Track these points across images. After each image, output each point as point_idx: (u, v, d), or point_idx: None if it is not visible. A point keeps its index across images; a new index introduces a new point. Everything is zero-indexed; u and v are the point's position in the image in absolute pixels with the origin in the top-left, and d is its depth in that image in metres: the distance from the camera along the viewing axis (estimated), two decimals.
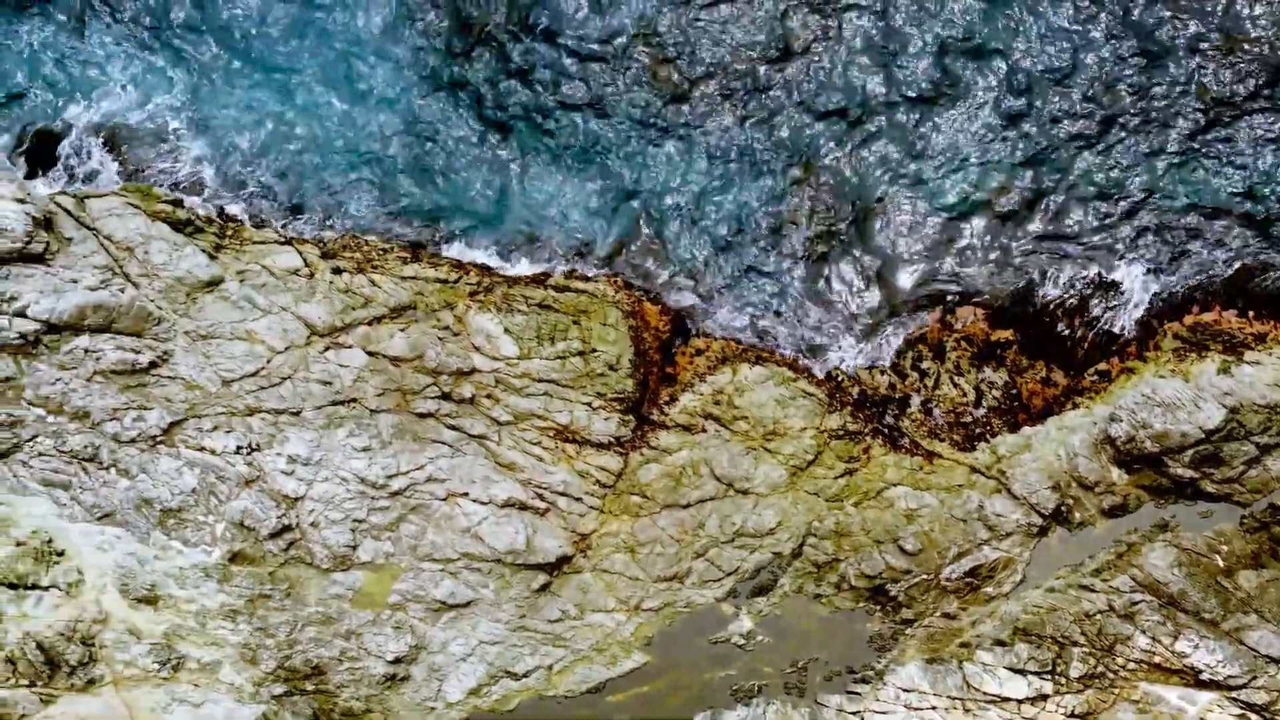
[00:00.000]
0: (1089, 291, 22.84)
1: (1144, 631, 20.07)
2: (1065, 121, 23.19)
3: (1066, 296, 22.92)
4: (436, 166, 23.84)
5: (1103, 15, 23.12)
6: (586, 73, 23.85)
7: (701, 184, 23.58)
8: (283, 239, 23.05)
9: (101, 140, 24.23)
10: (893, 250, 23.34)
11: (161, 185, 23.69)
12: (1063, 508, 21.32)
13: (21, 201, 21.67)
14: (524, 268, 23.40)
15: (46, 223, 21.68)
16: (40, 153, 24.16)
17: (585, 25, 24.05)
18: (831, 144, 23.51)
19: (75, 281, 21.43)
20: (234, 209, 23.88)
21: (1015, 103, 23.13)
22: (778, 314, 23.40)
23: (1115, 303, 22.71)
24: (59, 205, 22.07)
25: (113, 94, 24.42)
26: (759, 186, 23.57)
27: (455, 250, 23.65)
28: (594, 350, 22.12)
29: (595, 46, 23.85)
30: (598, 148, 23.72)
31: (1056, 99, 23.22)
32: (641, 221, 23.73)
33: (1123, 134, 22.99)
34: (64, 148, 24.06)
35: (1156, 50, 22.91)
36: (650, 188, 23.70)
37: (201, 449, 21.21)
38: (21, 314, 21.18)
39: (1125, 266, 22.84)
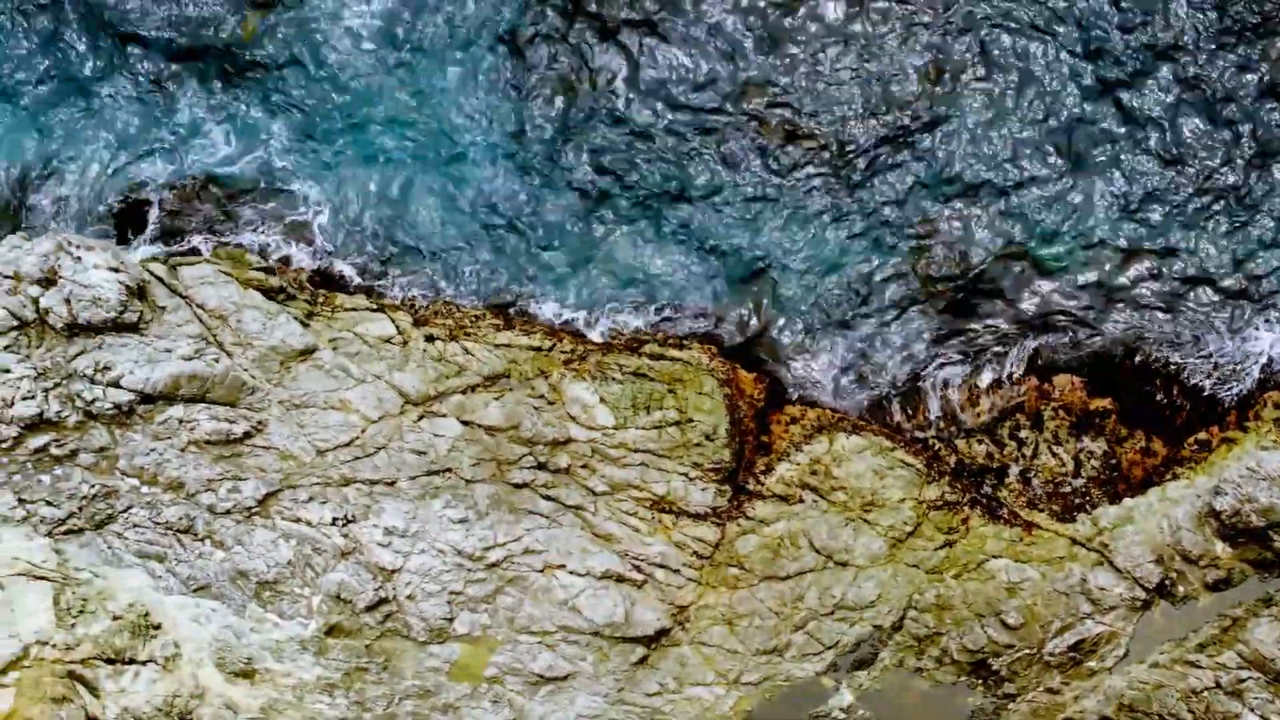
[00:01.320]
0: (1186, 360, 22.71)
1: (1252, 709, 19.88)
2: (1179, 195, 23.09)
3: (1164, 365, 22.79)
4: (532, 231, 23.74)
5: (1215, 90, 23.12)
6: (693, 135, 23.72)
7: (801, 250, 23.50)
8: (375, 305, 22.97)
9: (191, 203, 24.09)
10: (994, 317, 23.21)
11: (252, 250, 23.53)
12: (1166, 581, 21.15)
13: (115, 270, 21.59)
14: (618, 335, 23.23)
15: (139, 291, 21.59)
16: (129, 216, 24.03)
17: (693, 87, 23.90)
18: (941, 212, 23.44)
19: (169, 351, 21.33)
20: (326, 274, 23.72)
21: (1132, 177, 23.04)
22: (874, 382, 23.25)
23: (1214, 372, 22.59)
24: (151, 273, 22.00)
25: (203, 156, 24.32)
26: (860, 254, 23.49)
27: (549, 316, 23.49)
28: (690, 420, 21.98)
29: (704, 109, 23.70)
30: (699, 213, 23.63)
31: (1171, 173, 23.16)
32: (737, 288, 23.60)
33: (1234, 212, 22.94)
34: (153, 210, 23.90)
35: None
36: (749, 253, 23.62)
37: (297, 520, 21.08)
38: (116, 384, 21.08)
39: (1223, 336, 22.72)
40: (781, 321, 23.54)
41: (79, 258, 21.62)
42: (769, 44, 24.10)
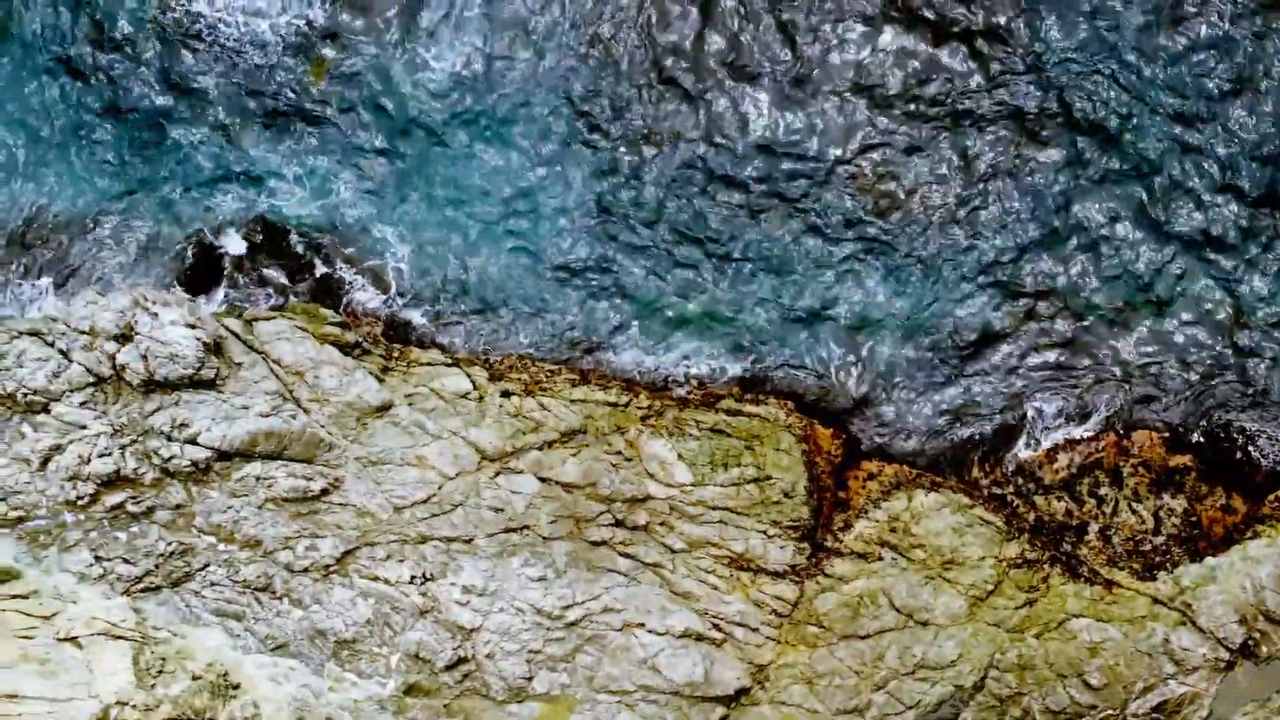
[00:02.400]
0: (1265, 416, 22.61)
1: None
2: (1266, 254, 23.06)
3: (1243, 421, 22.69)
4: (609, 285, 23.67)
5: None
6: (774, 190, 23.64)
7: (879, 306, 23.40)
8: (450, 360, 22.90)
9: (263, 254, 24.04)
10: (1073, 374, 23.13)
11: (326, 304, 23.46)
12: (1249, 641, 21.02)
13: (192, 327, 21.56)
14: (695, 390, 23.13)
15: (216, 347, 21.54)
16: (202, 267, 23.93)
17: (779, 142, 23.81)
18: (1023, 271, 23.33)
19: (246, 408, 21.28)
20: (401, 328, 23.62)
21: (1222, 238, 22.98)
22: (951, 438, 23.15)
23: None
24: (228, 328, 21.95)
25: (275, 205, 24.23)
26: (938, 311, 23.38)
27: (625, 371, 23.39)
28: (769, 477, 21.89)
29: (792, 159, 23.63)
30: (775, 268, 23.55)
31: (1264, 234, 23.12)
32: (814, 344, 23.50)
33: None
34: (226, 261, 23.83)
35: None
36: (825, 309, 23.52)
37: (375, 578, 21.00)
38: (193, 441, 21.04)
39: None
40: (858, 377, 23.44)
41: (155, 313, 21.61)
42: (861, 98, 23.96)
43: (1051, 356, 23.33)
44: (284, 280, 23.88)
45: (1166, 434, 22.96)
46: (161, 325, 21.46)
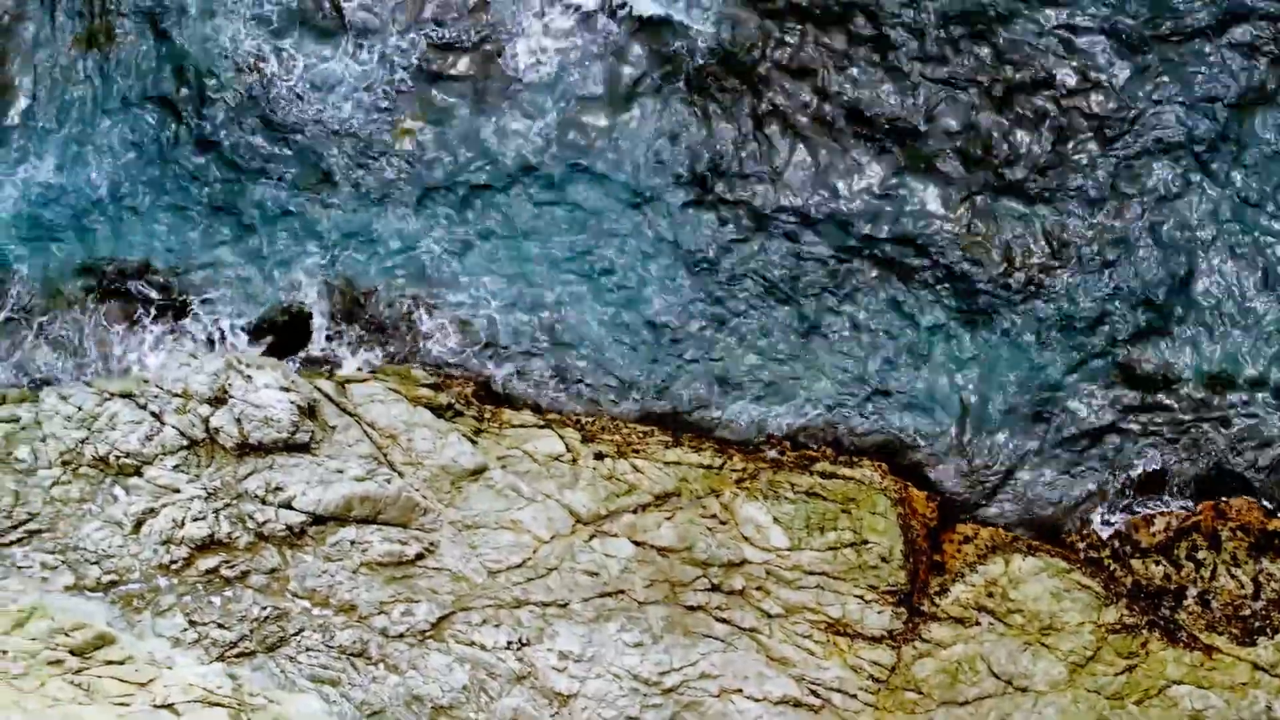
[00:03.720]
0: None
1: None
2: None
3: None
4: (701, 347, 23.59)
5: None
6: (879, 249, 23.58)
7: (973, 368, 23.32)
8: (542, 422, 22.82)
9: (352, 314, 23.97)
10: (1172, 437, 23.03)
11: (417, 364, 23.40)
12: None
13: (286, 389, 21.51)
14: (789, 452, 23.04)
15: (310, 410, 21.49)
16: (294, 330, 23.88)
17: (887, 199, 23.78)
18: (1130, 334, 23.26)
19: (341, 472, 21.21)
20: (491, 388, 23.54)
21: None
22: (1048, 501, 23.04)
23: None
24: (321, 391, 21.90)
25: (362, 264, 24.16)
26: (1040, 374, 23.28)
27: (718, 432, 23.29)
28: (865, 541, 21.78)
29: (897, 221, 23.61)
30: (867, 327, 23.47)
31: None
32: (907, 404, 23.43)
33: None
34: (316, 320, 23.77)
35: None
36: (923, 370, 23.42)
37: (471, 643, 20.87)
38: (288, 505, 20.98)
39: None
40: (953, 438, 23.34)
41: (249, 376, 21.58)
42: (972, 162, 23.89)
43: (1149, 421, 23.21)
44: (373, 340, 23.78)
45: (1264, 498, 22.82)
46: (256, 388, 21.42)
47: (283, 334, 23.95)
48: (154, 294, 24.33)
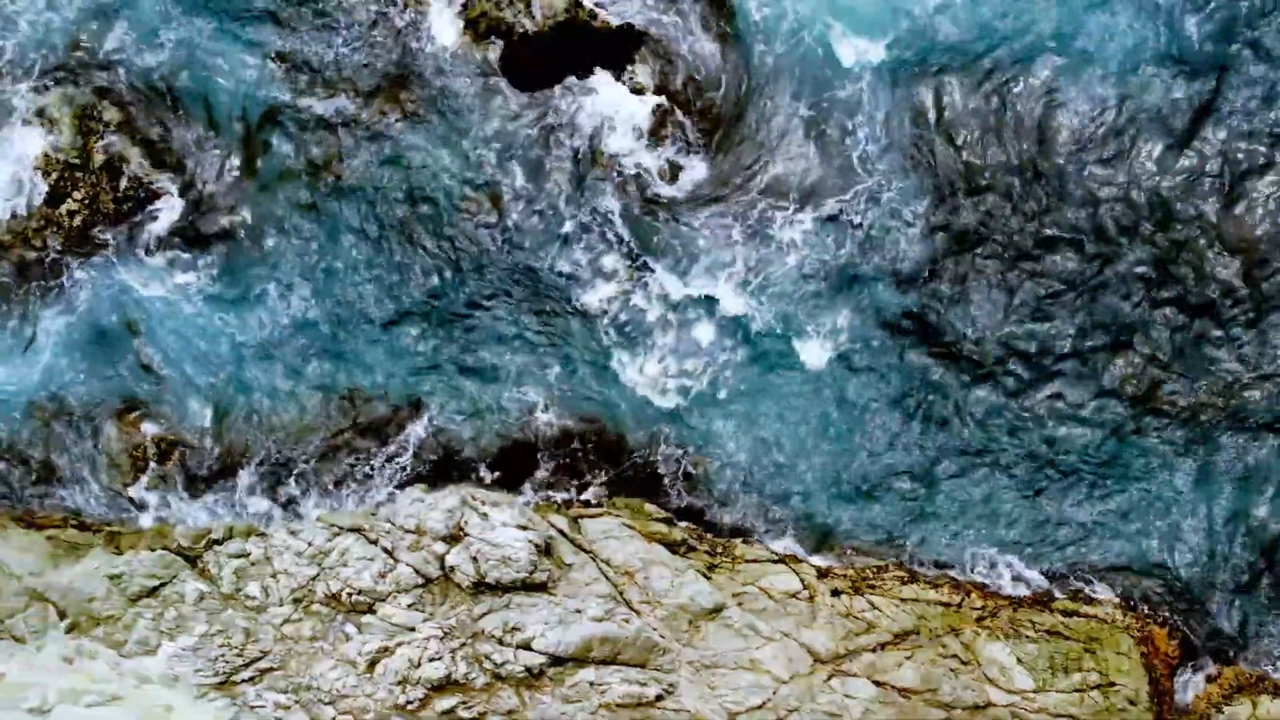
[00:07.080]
0: None
1: None
2: None
3: None
4: (930, 481, 23.34)
5: None
6: (1100, 405, 23.41)
7: (1212, 506, 23.00)
8: (776, 557, 22.56)
9: (576, 445, 23.69)
10: None
11: (647, 498, 23.09)
12: None
13: (524, 528, 21.34)
14: (1028, 589, 22.73)
15: (546, 548, 21.30)
16: (521, 462, 23.55)
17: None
18: None
19: (579, 612, 20.98)
20: (725, 524, 23.25)
21: None
22: None
23: None
24: (556, 528, 21.72)
25: (583, 392, 23.80)
26: (1270, 508, 22.98)
27: (955, 569, 22.98)
28: (1111, 683, 21.36)
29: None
30: (1106, 467, 23.20)
31: None
32: (1144, 539, 23.11)
33: None
34: (543, 456, 23.50)
35: None
36: (1158, 505, 23.13)
37: None
38: (526, 646, 20.72)
39: None
40: (1191, 575, 22.98)
41: (485, 514, 21.43)
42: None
43: None
44: (603, 473, 23.49)
45: None
46: (492, 525, 21.29)
47: (510, 466, 23.52)
48: (378, 429, 23.77)
